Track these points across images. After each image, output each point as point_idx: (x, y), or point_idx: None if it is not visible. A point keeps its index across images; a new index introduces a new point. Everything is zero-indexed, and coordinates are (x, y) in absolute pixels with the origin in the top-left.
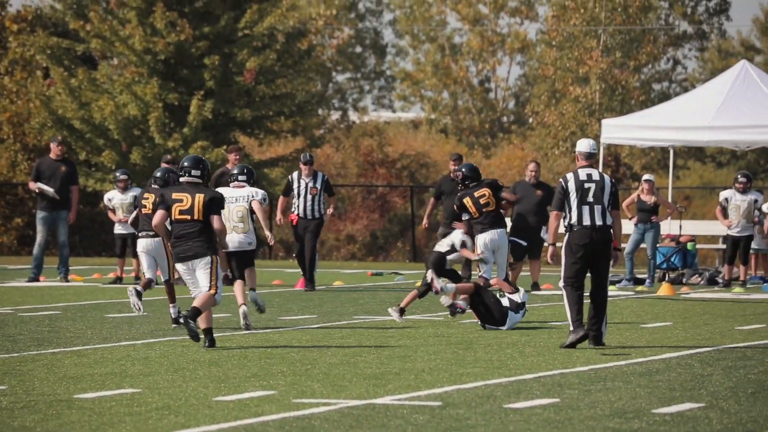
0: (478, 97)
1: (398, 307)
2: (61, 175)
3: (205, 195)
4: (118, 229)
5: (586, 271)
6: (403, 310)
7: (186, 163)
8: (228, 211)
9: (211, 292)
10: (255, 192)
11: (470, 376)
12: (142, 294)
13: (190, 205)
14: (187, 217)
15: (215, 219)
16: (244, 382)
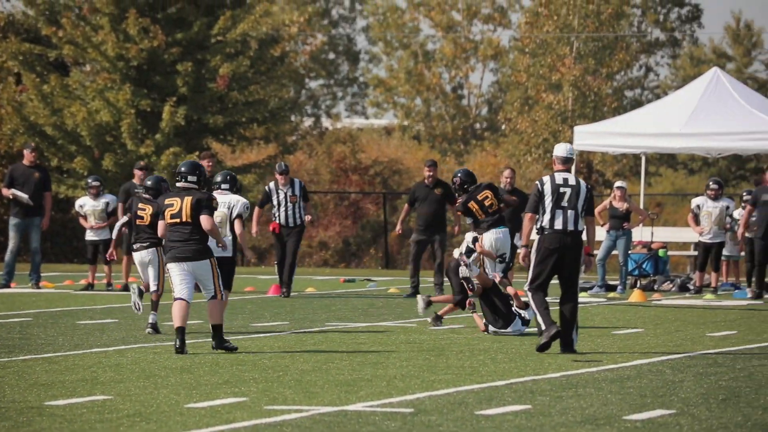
0: (451, 103)
1: (435, 314)
2: (35, 182)
3: (193, 197)
4: (89, 236)
5: (552, 276)
6: (440, 317)
7: (183, 168)
8: None
9: (217, 299)
10: (236, 202)
11: (442, 382)
12: (143, 293)
13: (179, 209)
14: (177, 220)
15: (204, 219)
16: (216, 388)
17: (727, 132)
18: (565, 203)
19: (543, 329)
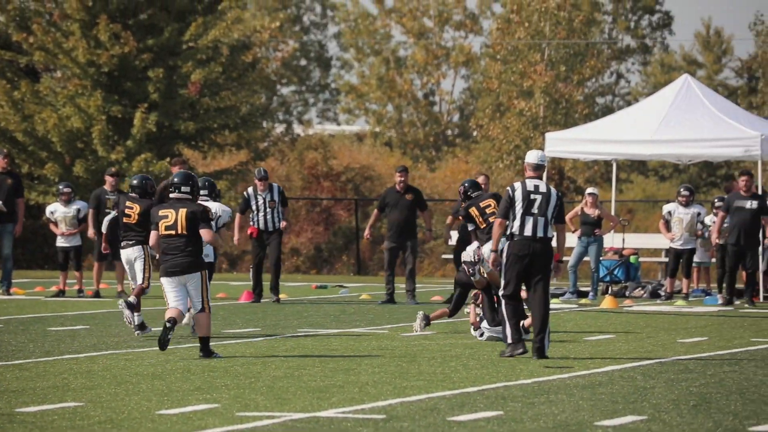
0: (423, 110)
1: (425, 315)
2: (7, 188)
3: (188, 209)
4: (60, 242)
5: (522, 282)
6: (428, 319)
7: (176, 179)
8: None
9: (205, 313)
10: (223, 212)
11: (414, 389)
12: (134, 305)
13: (174, 221)
14: (172, 232)
15: (205, 233)
16: (188, 395)
17: (698, 139)
18: (535, 210)
19: (509, 342)
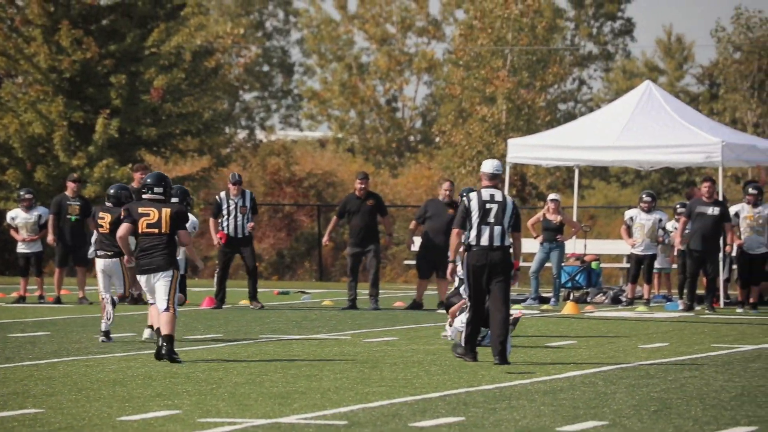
0: (386, 116)
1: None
2: None
3: (172, 209)
4: (21, 248)
5: (485, 290)
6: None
7: (149, 180)
8: None
9: (170, 312)
10: (194, 225)
11: (376, 394)
12: (116, 302)
13: (157, 219)
14: (155, 230)
15: (182, 233)
16: (149, 401)
17: (659, 145)
18: (491, 219)
19: (461, 347)
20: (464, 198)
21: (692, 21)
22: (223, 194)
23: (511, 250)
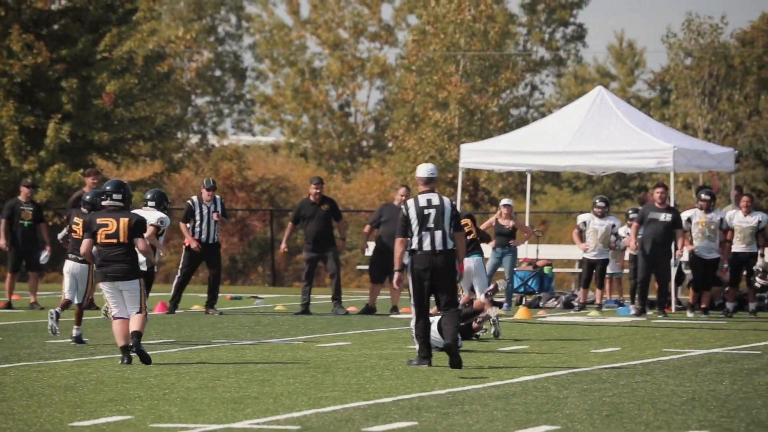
0: (338, 121)
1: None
2: None
3: (130, 219)
4: None
5: (429, 297)
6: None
7: (108, 187)
8: None
9: (142, 314)
10: (161, 219)
11: (329, 399)
12: (59, 315)
13: (115, 229)
14: (113, 240)
15: (139, 241)
16: (101, 407)
17: (611, 150)
18: (431, 224)
19: (417, 358)
20: (402, 206)
21: (643, 27)
22: (195, 198)
23: (457, 251)
